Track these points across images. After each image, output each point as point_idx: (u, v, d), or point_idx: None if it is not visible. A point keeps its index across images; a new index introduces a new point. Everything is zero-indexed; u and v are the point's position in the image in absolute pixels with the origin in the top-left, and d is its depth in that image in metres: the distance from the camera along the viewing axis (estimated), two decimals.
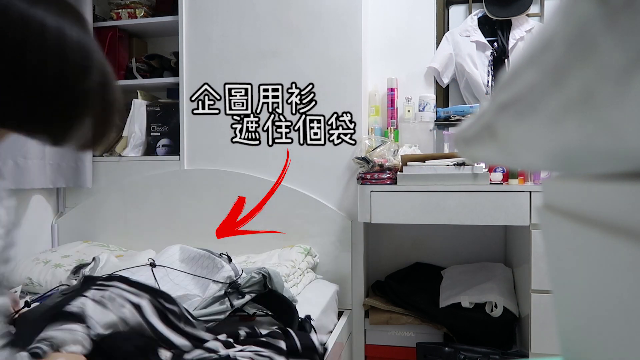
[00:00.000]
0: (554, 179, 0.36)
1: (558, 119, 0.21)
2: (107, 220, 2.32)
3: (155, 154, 2.32)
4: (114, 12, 2.40)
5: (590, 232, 0.27)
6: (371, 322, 1.97)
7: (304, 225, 2.10)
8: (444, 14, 2.26)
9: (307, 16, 2.10)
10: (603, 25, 0.17)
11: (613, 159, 0.21)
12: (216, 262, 1.46)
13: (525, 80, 0.24)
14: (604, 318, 0.27)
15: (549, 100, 0.21)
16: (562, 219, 0.32)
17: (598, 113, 0.18)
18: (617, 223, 0.23)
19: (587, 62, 0.18)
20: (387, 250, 2.29)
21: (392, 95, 2.20)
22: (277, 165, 2.16)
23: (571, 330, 0.35)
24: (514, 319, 1.80)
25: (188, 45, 2.23)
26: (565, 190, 0.33)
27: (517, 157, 0.31)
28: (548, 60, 0.21)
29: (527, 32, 2.14)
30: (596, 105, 0.18)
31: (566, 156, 0.24)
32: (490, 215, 1.70)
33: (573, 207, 0.31)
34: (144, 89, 2.42)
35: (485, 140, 0.32)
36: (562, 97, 0.20)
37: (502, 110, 0.28)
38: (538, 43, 0.23)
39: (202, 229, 2.19)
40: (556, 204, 0.35)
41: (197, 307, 1.29)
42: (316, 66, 2.10)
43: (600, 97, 0.18)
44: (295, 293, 1.71)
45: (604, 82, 0.17)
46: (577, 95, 0.19)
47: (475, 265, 2.10)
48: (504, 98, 0.27)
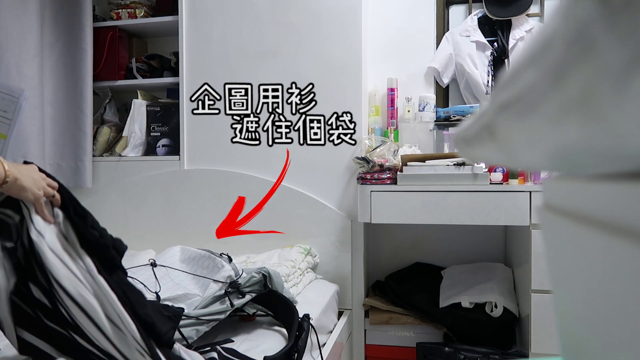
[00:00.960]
0: (554, 179, 0.36)
1: (558, 119, 0.21)
2: (107, 220, 2.30)
3: (155, 154, 2.32)
4: (114, 12, 2.40)
5: (590, 232, 0.27)
6: (371, 322, 1.97)
7: (304, 225, 2.10)
8: (444, 14, 2.26)
9: (307, 16, 2.10)
10: (603, 25, 0.17)
11: (613, 159, 0.21)
12: (216, 262, 1.46)
13: (525, 80, 0.24)
14: (604, 318, 0.27)
15: (549, 100, 0.21)
16: (562, 219, 0.32)
17: (598, 113, 0.18)
18: (617, 223, 0.23)
19: (587, 62, 0.18)
20: (387, 250, 2.29)
21: (392, 95, 2.20)
22: (277, 165, 2.16)
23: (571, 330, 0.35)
24: (514, 319, 1.80)
25: (188, 45, 2.23)
26: (565, 190, 0.33)
27: (517, 157, 0.31)
28: (548, 60, 0.21)
29: (527, 32, 2.14)
30: (596, 105, 0.18)
31: (566, 156, 0.24)
32: (490, 215, 1.70)
33: (573, 207, 0.31)
34: (144, 89, 2.42)
35: (485, 140, 0.32)
36: (562, 97, 0.20)
37: (502, 110, 0.28)
38: (538, 43, 0.23)
39: (202, 229, 2.19)
40: (556, 204, 0.35)
41: (198, 307, 1.29)
42: (316, 66, 2.10)
43: (600, 97, 0.18)
44: (295, 293, 1.71)
45: (604, 82, 0.17)
46: (577, 95, 0.19)
47: (475, 265, 2.10)
48: (504, 98, 0.27)
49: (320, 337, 1.50)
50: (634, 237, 0.21)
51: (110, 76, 2.37)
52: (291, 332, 1.32)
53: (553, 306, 0.39)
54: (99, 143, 2.38)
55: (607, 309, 0.26)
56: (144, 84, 2.37)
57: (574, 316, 0.33)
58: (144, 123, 2.33)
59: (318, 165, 2.11)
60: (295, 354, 1.25)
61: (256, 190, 2.15)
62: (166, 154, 2.31)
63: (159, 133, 2.33)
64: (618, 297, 0.24)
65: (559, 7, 0.20)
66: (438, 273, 2.11)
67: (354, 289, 2.05)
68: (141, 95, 2.36)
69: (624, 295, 0.23)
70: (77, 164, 2.29)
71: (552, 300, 0.38)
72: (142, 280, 1.38)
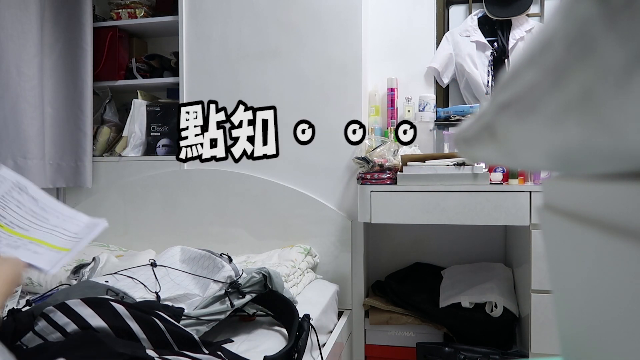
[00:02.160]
0: (554, 179, 0.36)
1: (558, 119, 0.21)
2: (107, 220, 2.32)
3: (155, 154, 2.32)
4: (114, 12, 2.40)
5: (590, 232, 0.27)
6: (371, 322, 1.97)
7: (304, 225, 2.10)
8: (444, 14, 2.26)
9: (308, 16, 2.10)
10: (603, 25, 0.17)
11: (613, 159, 0.21)
12: (216, 262, 1.46)
13: (525, 80, 0.24)
14: (604, 318, 0.27)
15: (548, 101, 0.21)
16: (562, 219, 0.32)
17: (598, 113, 0.18)
18: (617, 223, 0.23)
19: (587, 62, 0.18)
20: (387, 250, 2.29)
21: (392, 95, 2.20)
22: (277, 165, 2.15)
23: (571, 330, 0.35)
24: (514, 319, 1.80)
25: (188, 45, 2.23)
26: (565, 190, 0.33)
27: (517, 157, 0.31)
28: (548, 60, 0.21)
29: (527, 32, 2.14)
30: (596, 105, 0.18)
31: (566, 156, 0.24)
32: (490, 215, 1.70)
33: (573, 207, 0.31)
34: (144, 89, 2.42)
35: (485, 140, 0.32)
36: (562, 97, 0.20)
37: (502, 110, 0.28)
38: (538, 43, 0.23)
39: (202, 229, 2.19)
40: (556, 204, 0.35)
41: (198, 307, 1.29)
42: (316, 66, 2.10)
43: (600, 97, 0.18)
44: (295, 293, 1.71)
45: (604, 82, 0.17)
46: (577, 95, 0.19)
47: (475, 265, 2.10)
48: (504, 98, 0.27)
49: (320, 337, 1.50)
50: (633, 237, 0.21)
51: (110, 76, 2.37)
52: (291, 332, 1.32)
53: (553, 306, 0.39)
54: (99, 143, 2.38)
55: (607, 308, 0.26)
56: (144, 84, 2.37)
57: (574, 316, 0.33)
58: (144, 123, 2.33)
59: (318, 165, 2.11)
60: (296, 354, 1.25)
61: (256, 190, 2.15)
62: (166, 154, 2.31)
63: (159, 133, 2.33)
64: (618, 297, 0.24)
65: (559, 7, 0.20)
66: (438, 273, 2.11)
67: (354, 289, 2.05)
68: (141, 95, 2.36)
69: (623, 295, 0.23)
70: (77, 164, 2.29)
71: (552, 300, 0.38)
72: (142, 280, 1.37)
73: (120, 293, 1.27)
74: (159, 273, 1.45)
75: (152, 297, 1.31)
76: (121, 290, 1.28)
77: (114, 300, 1.10)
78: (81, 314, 1.03)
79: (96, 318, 1.03)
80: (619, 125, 0.17)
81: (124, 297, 1.26)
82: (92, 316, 1.03)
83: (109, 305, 1.06)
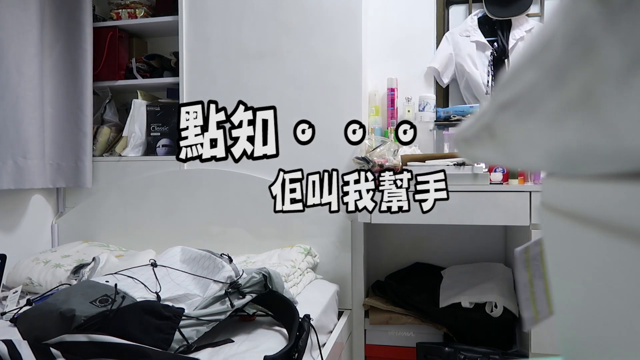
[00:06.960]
0: (553, 179, 0.36)
1: (558, 119, 0.21)
2: (107, 220, 2.32)
3: (155, 154, 2.32)
4: (114, 12, 2.40)
5: (590, 232, 0.27)
6: (371, 322, 1.97)
7: (304, 225, 2.10)
8: (444, 14, 2.26)
9: (307, 16, 2.10)
10: (603, 25, 0.17)
11: (613, 159, 0.21)
12: (217, 262, 1.46)
13: (525, 80, 0.24)
14: (604, 318, 0.27)
15: (548, 101, 0.21)
16: (562, 219, 0.32)
17: (598, 113, 0.18)
18: (617, 223, 0.23)
19: (587, 62, 0.18)
20: (387, 250, 2.29)
21: (392, 95, 2.20)
22: (277, 165, 2.15)
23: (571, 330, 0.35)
24: (514, 319, 1.80)
25: (188, 45, 2.23)
26: (564, 190, 0.33)
27: (516, 157, 0.31)
28: (548, 60, 0.21)
29: (527, 32, 2.14)
30: (596, 105, 0.18)
31: (566, 156, 0.24)
32: (490, 215, 1.70)
33: (572, 207, 0.31)
34: (144, 89, 2.42)
35: (485, 140, 0.32)
36: (562, 97, 0.20)
37: (501, 110, 0.28)
38: (538, 43, 0.23)
39: (202, 229, 2.19)
40: (556, 204, 0.35)
41: (198, 307, 1.29)
42: (316, 66, 2.10)
43: (600, 97, 0.18)
44: (295, 293, 1.71)
45: (604, 82, 0.17)
46: (577, 95, 0.19)
47: (475, 265, 2.10)
48: (504, 98, 0.27)
49: (320, 337, 1.50)
50: (633, 237, 0.21)
51: (110, 76, 2.37)
52: (291, 332, 1.32)
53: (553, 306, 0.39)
54: (99, 143, 2.38)
55: (606, 308, 0.26)
56: (144, 84, 2.37)
57: (574, 316, 0.33)
58: (144, 123, 2.33)
59: (318, 165, 2.11)
60: (296, 354, 1.25)
61: (256, 190, 2.15)
62: (166, 154, 2.31)
63: (159, 133, 2.33)
64: (618, 297, 0.24)
65: (559, 7, 0.20)
66: (438, 273, 2.11)
67: (354, 289, 2.05)
68: (141, 95, 2.36)
69: (623, 295, 0.23)
70: (77, 164, 2.29)
71: (552, 300, 0.38)
72: (143, 281, 1.38)
73: (121, 292, 1.27)
74: (159, 273, 1.45)
75: (152, 297, 1.31)
76: (122, 290, 1.28)
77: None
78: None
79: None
80: (618, 126, 0.17)
81: (124, 296, 1.26)
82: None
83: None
